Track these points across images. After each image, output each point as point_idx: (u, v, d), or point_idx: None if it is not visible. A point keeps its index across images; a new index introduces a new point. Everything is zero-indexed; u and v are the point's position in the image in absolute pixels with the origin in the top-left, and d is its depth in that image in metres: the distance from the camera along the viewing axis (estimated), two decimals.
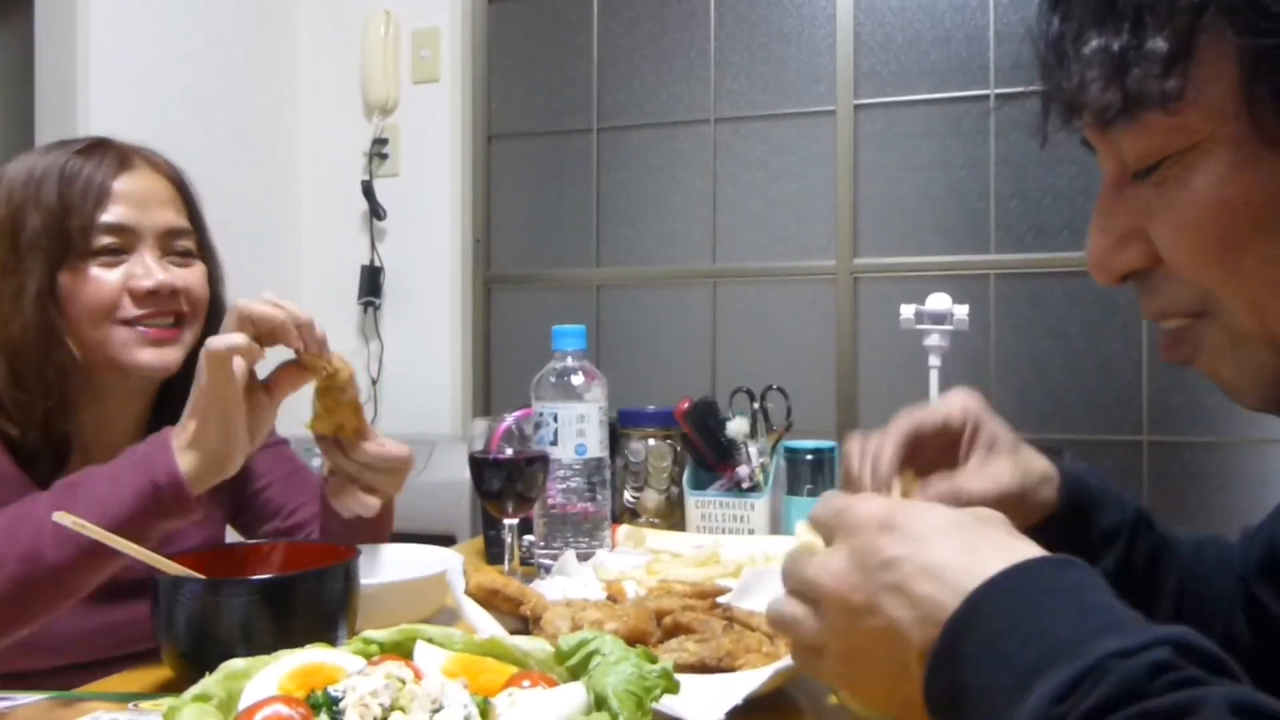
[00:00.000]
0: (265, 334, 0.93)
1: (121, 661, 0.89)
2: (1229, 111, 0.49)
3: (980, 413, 0.76)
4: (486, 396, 3.12)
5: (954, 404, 0.76)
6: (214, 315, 1.11)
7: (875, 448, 0.74)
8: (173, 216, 1.07)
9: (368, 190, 3.03)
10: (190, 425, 0.89)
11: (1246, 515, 0.82)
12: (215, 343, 0.89)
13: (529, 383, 1.19)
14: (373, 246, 3.05)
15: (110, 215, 1.02)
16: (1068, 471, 0.77)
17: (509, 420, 1.11)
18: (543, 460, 1.11)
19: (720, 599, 0.90)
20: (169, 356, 1.05)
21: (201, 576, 0.81)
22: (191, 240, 1.10)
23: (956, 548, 0.49)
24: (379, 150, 3.06)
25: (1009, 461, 0.75)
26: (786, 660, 0.73)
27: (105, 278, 1.01)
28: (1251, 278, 0.52)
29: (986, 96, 2.68)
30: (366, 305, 3.04)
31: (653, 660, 0.60)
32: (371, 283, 3.03)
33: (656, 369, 2.96)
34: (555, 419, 1.16)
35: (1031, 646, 0.43)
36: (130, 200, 1.04)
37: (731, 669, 0.76)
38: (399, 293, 3.07)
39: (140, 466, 0.87)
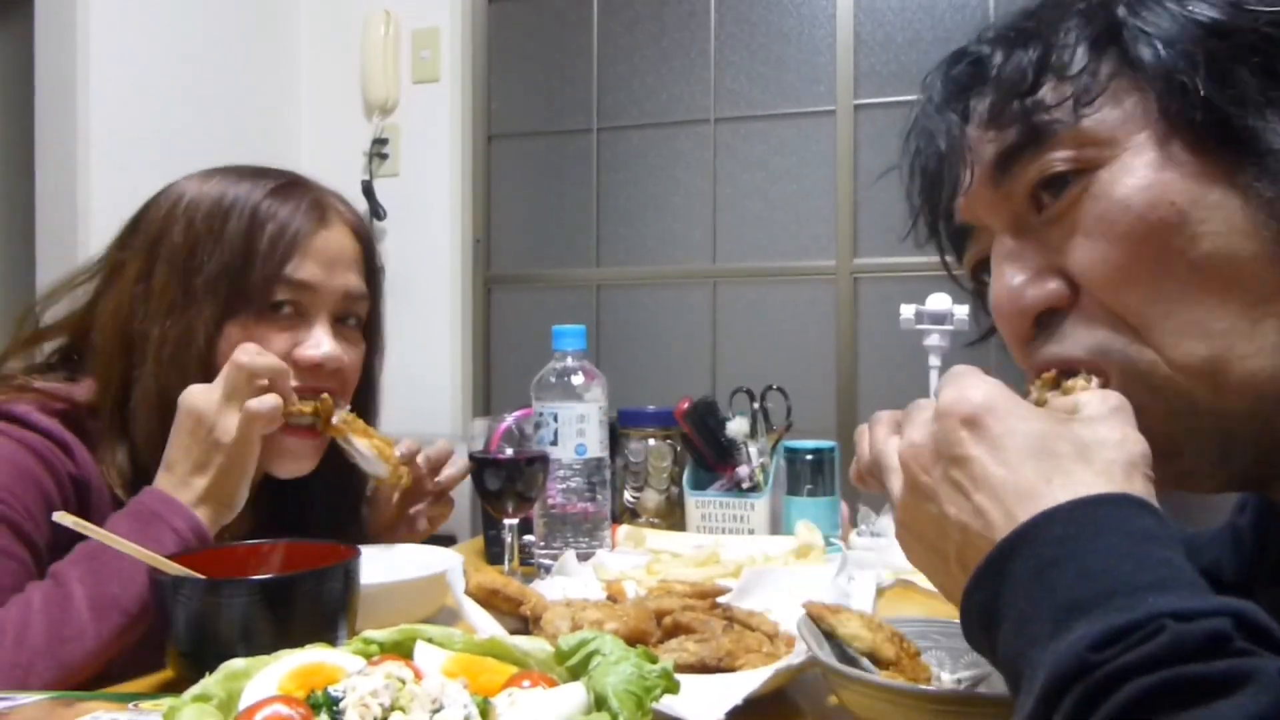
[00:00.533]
0: (261, 388, 0.90)
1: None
2: (1135, 123, 0.52)
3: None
4: (486, 396, 3.12)
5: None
6: (362, 393, 1.08)
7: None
8: (354, 280, 1.00)
9: (368, 190, 3.03)
10: (198, 482, 0.86)
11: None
12: (257, 406, 0.86)
13: (529, 383, 1.19)
14: None
15: (299, 272, 0.94)
16: None
17: (509, 420, 1.11)
18: (543, 460, 1.11)
19: (720, 599, 0.90)
20: (308, 463, 0.99)
21: (202, 576, 0.81)
22: (365, 309, 1.04)
23: (1031, 469, 0.46)
24: (379, 150, 3.06)
25: None
26: (786, 660, 0.73)
27: (274, 340, 0.93)
28: (1186, 289, 0.51)
29: None
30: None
31: (653, 660, 0.60)
32: None
33: (656, 369, 2.96)
34: (555, 419, 1.16)
35: (1082, 584, 0.41)
36: (320, 259, 0.96)
37: (731, 669, 0.76)
38: (399, 293, 3.06)
39: (160, 529, 0.84)
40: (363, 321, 1.06)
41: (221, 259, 0.92)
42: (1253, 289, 0.50)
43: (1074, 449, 0.47)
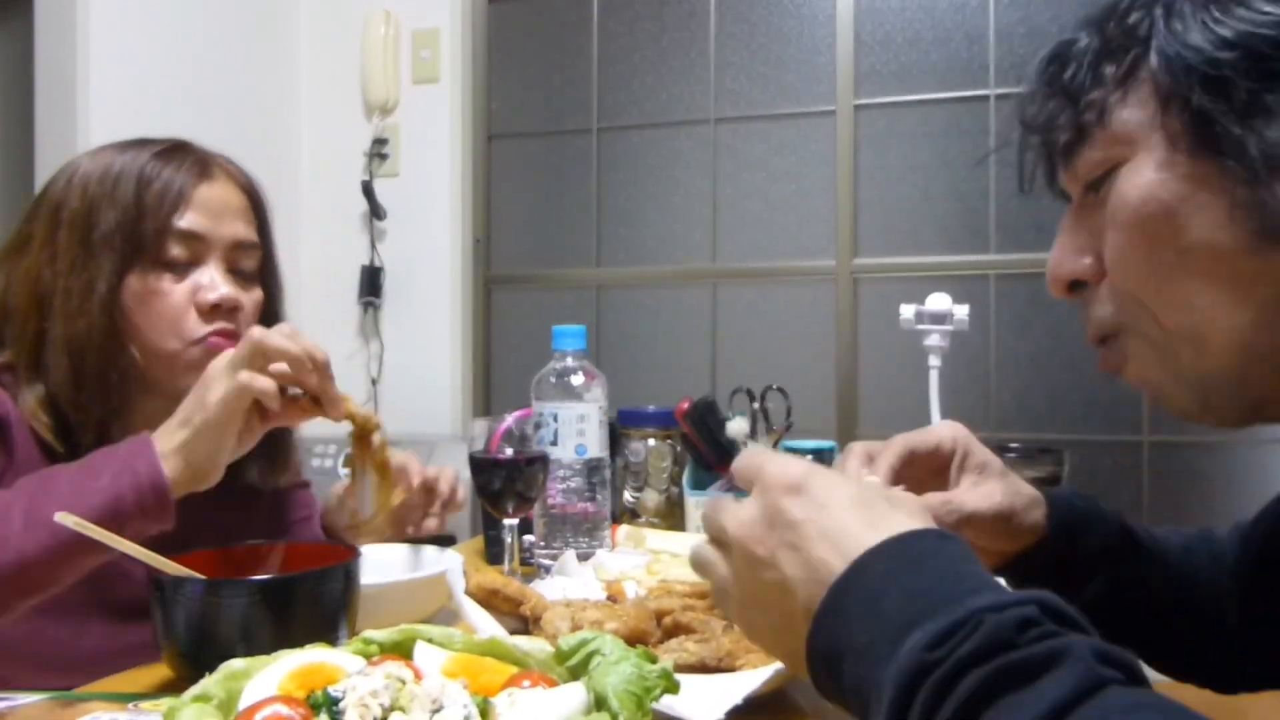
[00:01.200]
0: (278, 369, 0.91)
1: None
2: (1151, 126, 0.59)
3: (969, 440, 0.79)
4: (486, 396, 3.12)
5: (944, 431, 0.79)
6: None
7: (873, 459, 0.78)
8: (243, 229, 1.07)
9: (368, 190, 3.03)
10: (180, 434, 0.88)
11: (1246, 516, 0.82)
12: (247, 380, 0.88)
13: (529, 383, 1.19)
14: (373, 247, 3.05)
15: (185, 222, 1.01)
16: (1055, 496, 0.80)
17: (509, 420, 1.11)
18: (543, 460, 1.11)
19: None
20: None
21: (202, 577, 0.81)
22: (256, 257, 1.09)
23: (856, 519, 0.52)
24: (379, 150, 3.06)
25: (1000, 484, 0.77)
26: None
27: (173, 290, 1.01)
28: (1174, 272, 0.59)
29: (986, 97, 2.68)
30: (366, 305, 3.04)
31: (653, 660, 0.60)
32: (371, 283, 3.03)
33: (656, 369, 2.96)
34: (555, 419, 1.16)
35: (908, 604, 0.46)
36: (206, 209, 1.03)
37: (731, 669, 0.76)
38: (399, 293, 3.07)
39: (123, 465, 0.85)
40: (257, 270, 1.10)
41: (115, 216, 0.99)
42: (1231, 275, 0.57)
43: (885, 502, 0.54)
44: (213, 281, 1.03)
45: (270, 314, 1.12)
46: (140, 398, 1.03)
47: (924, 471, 0.77)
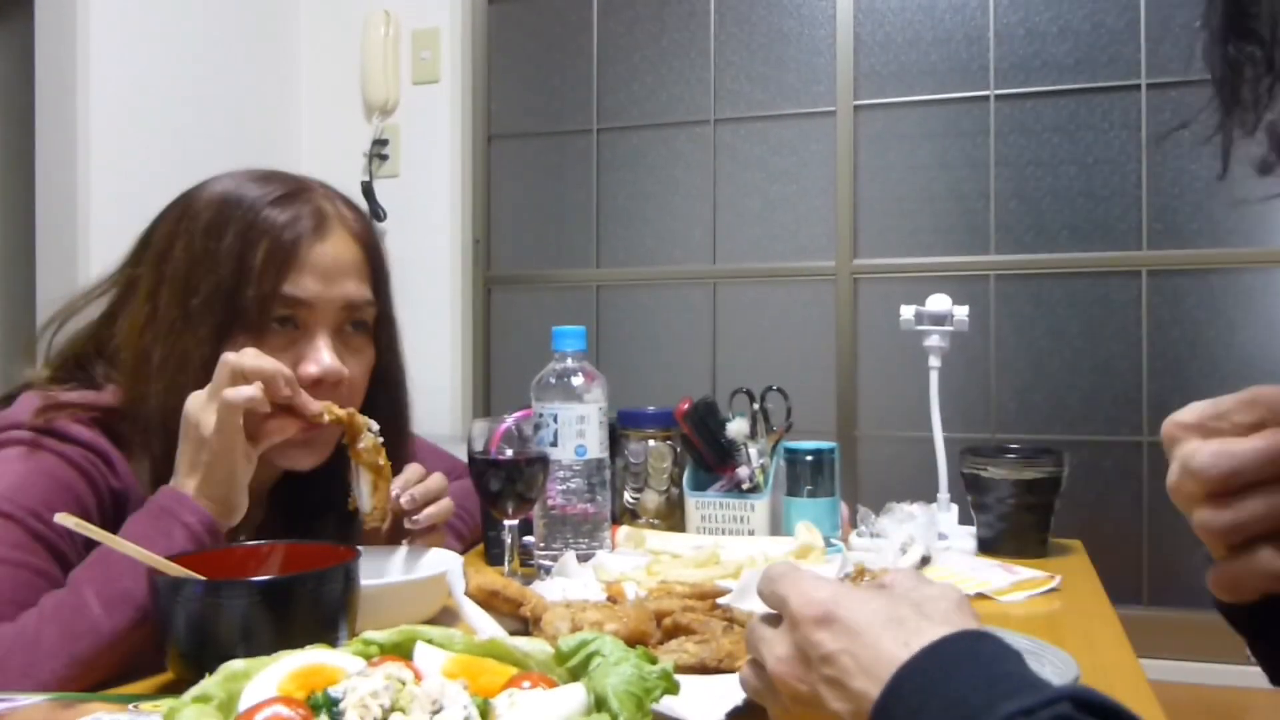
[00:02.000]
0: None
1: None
2: None
3: None
4: (486, 397, 3.12)
5: None
6: (380, 396, 1.06)
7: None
8: (355, 288, 0.99)
9: (368, 191, 3.03)
10: (191, 480, 0.86)
11: None
12: (232, 395, 0.85)
13: (529, 383, 1.19)
14: None
15: (293, 289, 0.93)
16: None
17: (509, 421, 1.11)
18: (543, 461, 1.11)
19: (720, 600, 0.90)
20: (320, 457, 0.99)
21: (202, 578, 0.81)
22: (370, 315, 1.02)
23: (891, 640, 0.51)
24: (379, 151, 3.06)
25: None
26: None
27: (275, 359, 0.91)
28: None
29: (986, 97, 2.68)
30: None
31: (653, 661, 0.60)
32: None
33: (656, 369, 2.96)
34: (555, 420, 1.16)
35: (946, 715, 0.46)
36: (317, 272, 0.95)
37: (732, 670, 0.76)
38: (399, 293, 3.06)
39: (174, 523, 0.84)
40: (370, 326, 1.04)
41: (217, 279, 0.92)
42: None
43: (914, 611, 0.53)
44: (316, 353, 0.95)
45: (385, 373, 1.07)
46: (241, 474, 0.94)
47: None
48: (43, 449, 0.87)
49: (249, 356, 0.88)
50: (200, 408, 0.87)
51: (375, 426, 0.97)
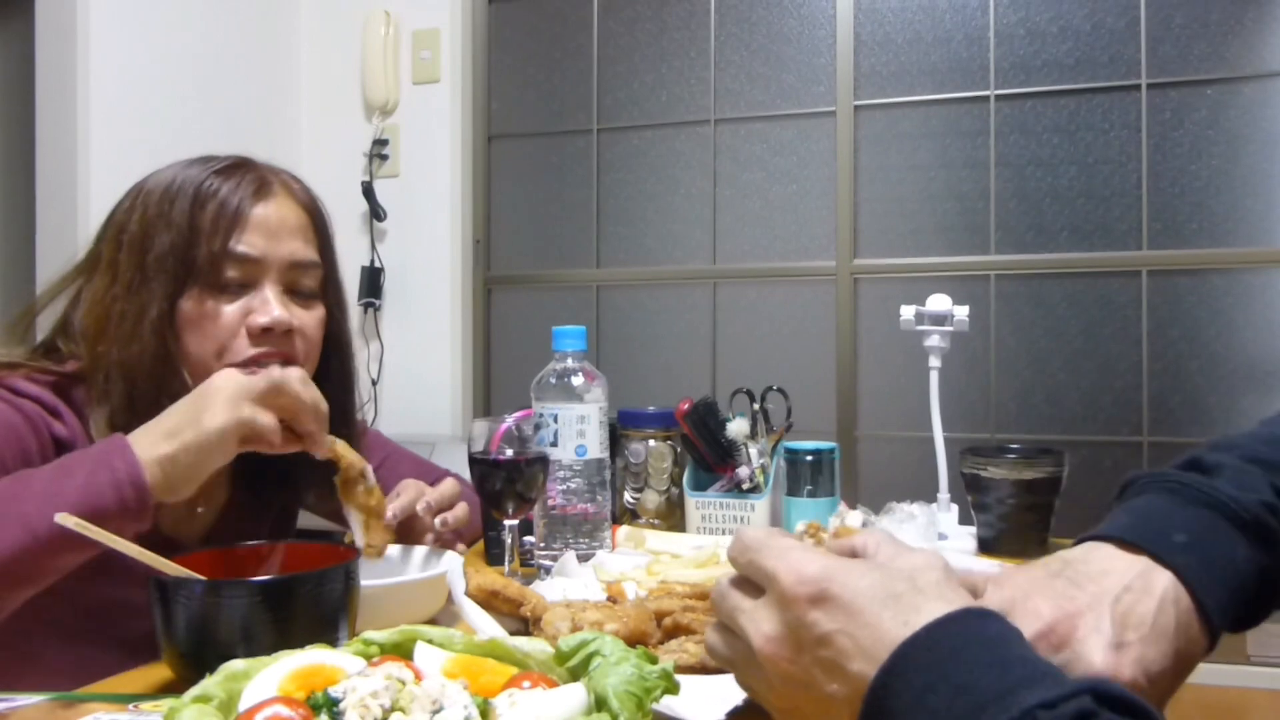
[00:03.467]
0: (284, 409, 0.91)
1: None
2: None
3: None
4: (487, 397, 3.12)
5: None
6: (331, 357, 1.09)
7: None
8: (300, 248, 1.04)
9: (368, 191, 3.03)
10: (164, 446, 0.85)
11: None
12: (252, 415, 0.87)
13: (529, 383, 1.19)
14: (373, 247, 3.05)
15: (240, 245, 0.99)
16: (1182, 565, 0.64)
17: (509, 421, 1.11)
18: (543, 461, 1.11)
19: None
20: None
21: (202, 578, 0.81)
22: (316, 276, 1.06)
23: (890, 619, 0.49)
24: (379, 151, 3.06)
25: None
26: None
27: (225, 312, 0.99)
28: None
29: (986, 97, 2.68)
30: (367, 306, 3.04)
31: (653, 661, 0.60)
32: (372, 283, 3.03)
33: (657, 369, 2.96)
34: (555, 420, 1.16)
35: (958, 700, 0.44)
36: (262, 230, 1.01)
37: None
38: (399, 293, 3.07)
39: (98, 464, 0.83)
40: (317, 289, 1.08)
41: (169, 238, 0.98)
42: None
43: (908, 585, 0.50)
44: (265, 304, 1.00)
45: (333, 332, 1.10)
46: None
47: None
48: None
49: (297, 381, 0.90)
50: (228, 397, 0.87)
51: (370, 472, 1.00)
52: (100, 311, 0.99)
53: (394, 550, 1.07)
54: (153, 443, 0.85)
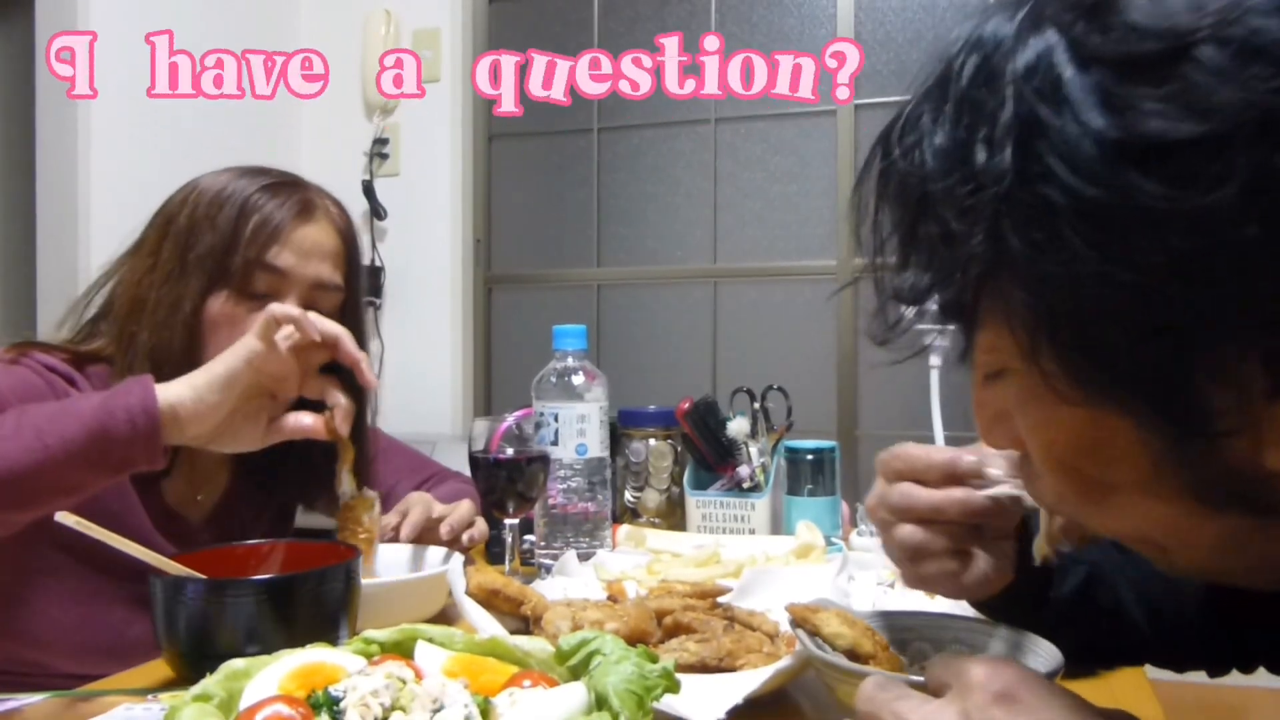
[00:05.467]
0: (291, 339, 0.95)
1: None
2: (1021, 353, 0.46)
3: None
4: (487, 396, 3.12)
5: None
6: (346, 372, 1.09)
7: (981, 453, 0.71)
8: (328, 271, 1.08)
9: (368, 190, 3.03)
10: (175, 387, 0.90)
11: None
12: (268, 350, 0.93)
13: (529, 382, 1.19)
14: (373, 246, 3.05)
15: (274, 258, 1.04)
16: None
17: (510, 420, 1.11)
18: (543, 460, 1.11)
19: (721, 599, 0.90)
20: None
21: (203, 577, 0.81)
22: (337, 300, 1.10)
23: None
24: (379, 150, 3.06)
25: None
26: (787, 660, 0.73)
27: (247, 318, 1.02)
28: (1101, 509, 0.49)
29: None
30: (367, 305, 3.04)
31: (653, 660, 0.60)
32: (372, 283, 3.03)
33: (657, 369, 2.96)
34: (556, 419, 1.16)
35: None
36: (297, 248, 1.06)
37: (732, 669, 0.76)
38: (400, 293, 3.07)
39: (116, 391, 0.88)
40: (334, 312, 1.10)
41: (212, 240, 1.03)
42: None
43: (1094, 715, 0.48)
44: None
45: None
46: None
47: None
48: (15, 364, 1.00)
49: (283, 306, 0.96)
50: (231, 349, 0.94)
51: (377, 510, 1.03)
52: (136, 292, 1.04)
53: (395, 550, 1.07)
54: (167, 385, 0.90)
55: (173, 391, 0.89)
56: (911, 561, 0.71)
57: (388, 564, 1.05)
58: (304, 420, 0.99)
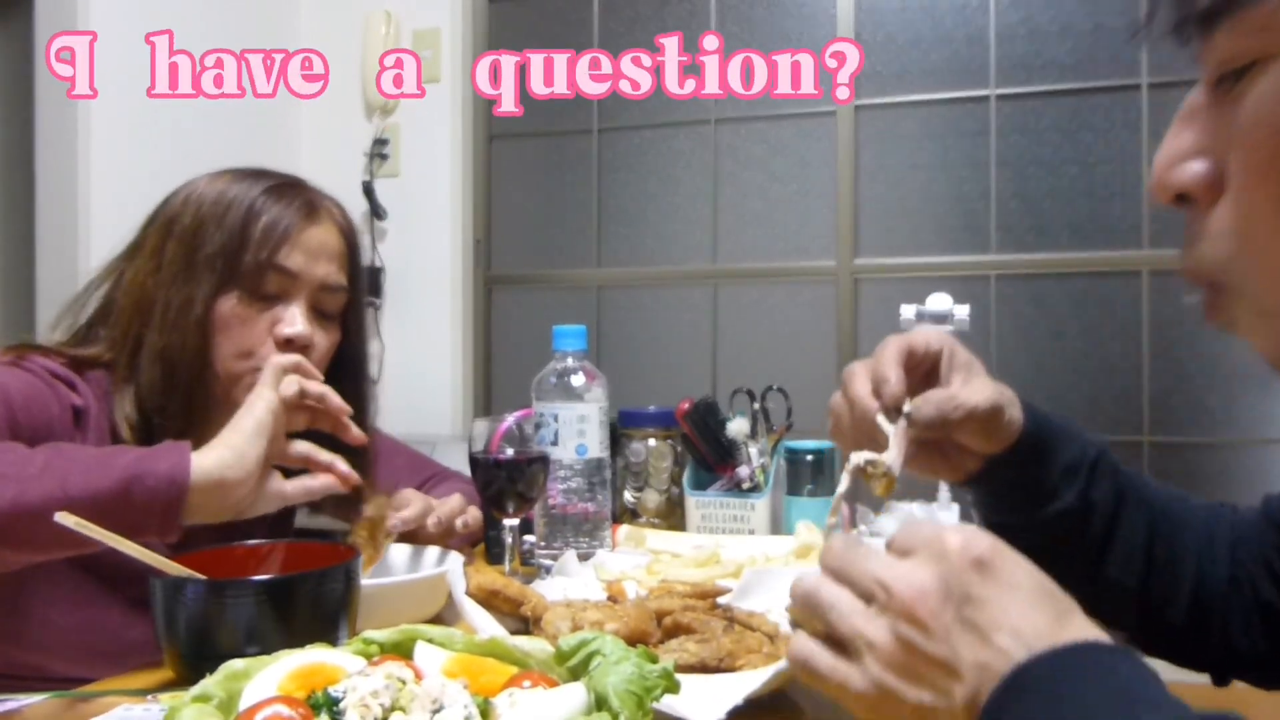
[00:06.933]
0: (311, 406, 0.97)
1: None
2: None
3: (953, 341, 0.79)
4: (487, 397, 3.12)
5: (929, 334, 0.80)
6: (344, 379, 1.11)
7: (875, 369, 0.78)
8: (334, 272, 1.10)
9: (368, 190, 3.03)
10: (211, 452, 0.88)
11: None
12: (280, 357, 0.95)
13: (529, 383, 1.19)
14: (373, 247, 3.05)
15: (285, 261, 1.05)
16: (1029, 404, 0.80)
17: (509, 420, 1.11)
18: (543, 460, 1.11)
19: (720, 599, 0.90)
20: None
21: (203, 577, 0.81)
22: (341, 301, 1.12)
23: (1047, 612, 0.48)
24: (379, 150, 3.06)
25: (986, 380, 0.78)
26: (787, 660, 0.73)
27: (257, 319, 1.05)
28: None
29: (987, 97, 2.68)
30: (367, 305, 3.04)
31: (653, 660, 0.60)
32: (372, 283, 3.03)
33: (657, 369, 2.96)
34: (556, 419, 1.16)
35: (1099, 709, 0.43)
36: (305, 250, 1.07)
37: (732, 669, 0.76)
38: (400, 293, 3.07)
39: (150, 452, 0.86)
40: (338, 313, 1.13)
41: (221, 241, 1.04)
42: None
43: (1065, 595, 0.49)
44: (292, 317, 1.06)
45: (347, 356, 1.15)
46: (215, 412, 1.05)
47: (916, 374, 0.79)
48: (18, 367, 0.99)
49: (288, 358, 0.98)
50: (249, 405, 0.93)
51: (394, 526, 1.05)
52: (140, 294, 1.04)
53: (395, 550, 1.07)
54: (204, 453, 0.87)
55: (212, 457, 0.86)
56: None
57: (387, 564, 1.05)
58: (312, 484, 0.97)
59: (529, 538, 1.21)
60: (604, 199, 3.03)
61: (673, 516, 1.36)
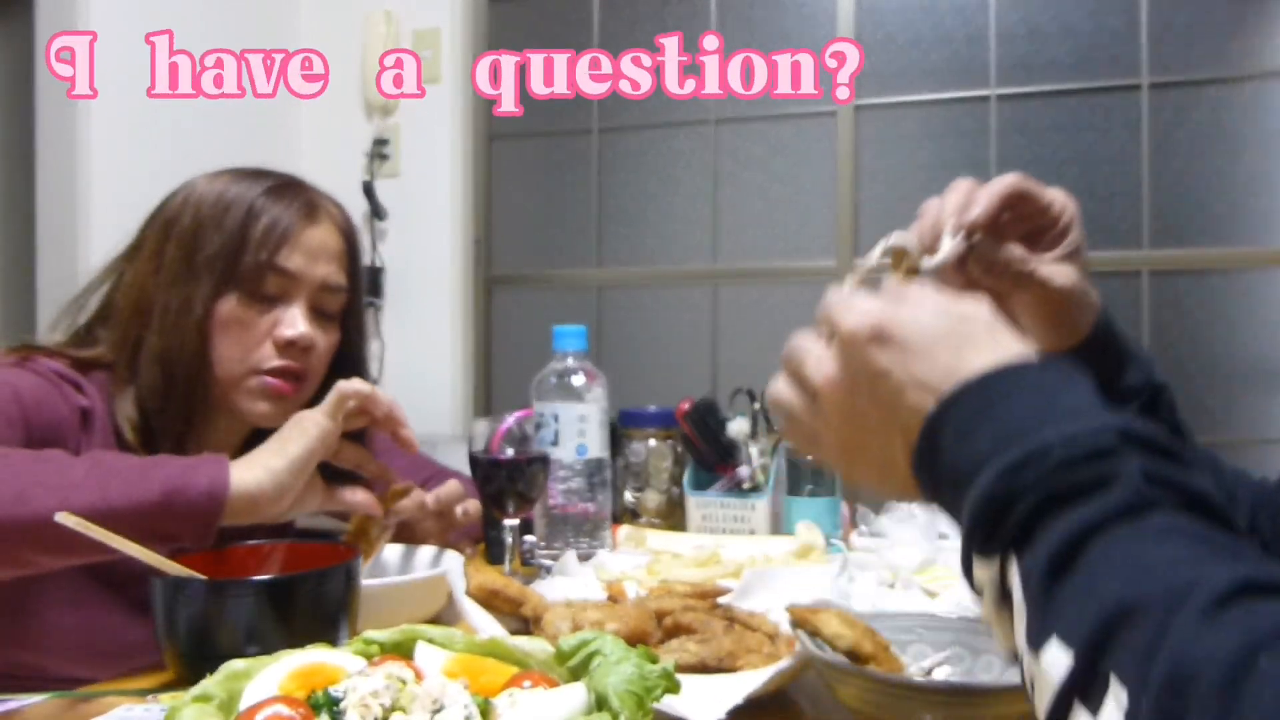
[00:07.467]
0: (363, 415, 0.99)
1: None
2: None
3: (1077, 219, 0.75)
4: (487, 397, 3.12)
5: (1060, 195, 0.74)
6: (345, 369, 1.12)
7: (974, 191, 0.72)
8: (334, 272, 1.10)
9: (368, 190, 3.03)
10: (251, 471, 0.87)
11: None
12: (348, 386, 0.96)
13: (530, 383, 1.19)
14: (374, 247, 3.05)
15: (285, 261, 1.05)
16: (1109, 314, 0.77)
17: (510, 420, 1.11)
18: (543, 461, 1.11)
19: (721, 599, 0.90)
20: (285, 411, 1.04)
21: (203, 577, 0.81)
22: (341, 301, 1.12)
23: (946, 352, 0.49)
24: (380, 150, 3.06)
25: (1079, 270, 0.74)
26: (787, 660, 0.73)
27: (257, 321, 1.04)
28: None
29: (987, 97, 2.68)
30: (367, 305, 3.03)
31: (654, 660, 0.60)
32: (372, 283, 3.03)
33: (657, 369, 2.96)
34: (556, 419, 1.16)
35: (995, 437, 0.45)
36: (305, 250, 1.07)
37: (732, 669, 0.76)
38: (400, 293, 3.07)
39: (191, 464, 0.86)
40: (338, 313, 1.13)
41: (220, 242, 1.03)
42: None
43: (967, 323, 0.51)
44: (292, 319, 1.06)
45: (347, 356, 1.15)
46: (214, 414, 1.07)
47: (1021, 223, 0.73)
48: (25, 368, 0.99)
49: (355, 383, 0.99)
50: (301, 425, 0.94)
51: (387, 528, 1.04)
52: (139, 295, 1.04)
53: (395, 550, 1.07)
54: (245, 471, 0.87)
55: (251, 478, 0.86)
56: None
57: (388, 564, 1.05)
58: (358, 497, 1.00)
59: (529, 538, 1.21)
60: (604, 199, 3.03)
61: (673, 517, 1.36)
